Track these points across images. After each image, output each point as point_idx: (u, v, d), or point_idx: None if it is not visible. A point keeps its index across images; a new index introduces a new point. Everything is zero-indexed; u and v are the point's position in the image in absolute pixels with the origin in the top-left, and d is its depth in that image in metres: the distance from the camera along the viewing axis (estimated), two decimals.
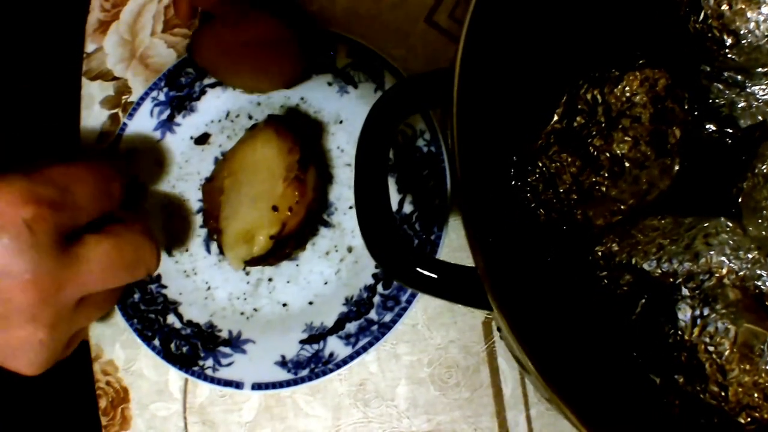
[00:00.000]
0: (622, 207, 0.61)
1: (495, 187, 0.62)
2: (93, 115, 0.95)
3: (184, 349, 0.84)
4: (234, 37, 0.85)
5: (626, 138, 0.59)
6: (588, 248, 0.61)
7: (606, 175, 0.60)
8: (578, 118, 0.61)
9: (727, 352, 0.53)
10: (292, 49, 0.86)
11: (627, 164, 0.59)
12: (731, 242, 0.56)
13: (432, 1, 0.93)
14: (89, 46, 0.99)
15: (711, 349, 0.54)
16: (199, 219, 0.89)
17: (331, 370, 0.81)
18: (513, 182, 0.63)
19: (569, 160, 0.60)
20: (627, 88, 0.60)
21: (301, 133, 0.83)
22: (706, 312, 0.55)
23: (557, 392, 0.48)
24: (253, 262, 0.81)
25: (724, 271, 0.56)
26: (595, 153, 0.60)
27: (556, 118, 0.62)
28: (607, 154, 0.59)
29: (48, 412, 1.17)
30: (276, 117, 0.85)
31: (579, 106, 0.61)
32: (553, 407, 0.61)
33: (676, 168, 0.61)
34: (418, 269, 0.57)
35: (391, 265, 0.58)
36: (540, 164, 0.61)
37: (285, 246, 0.81)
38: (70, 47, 1.00)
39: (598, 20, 0.64)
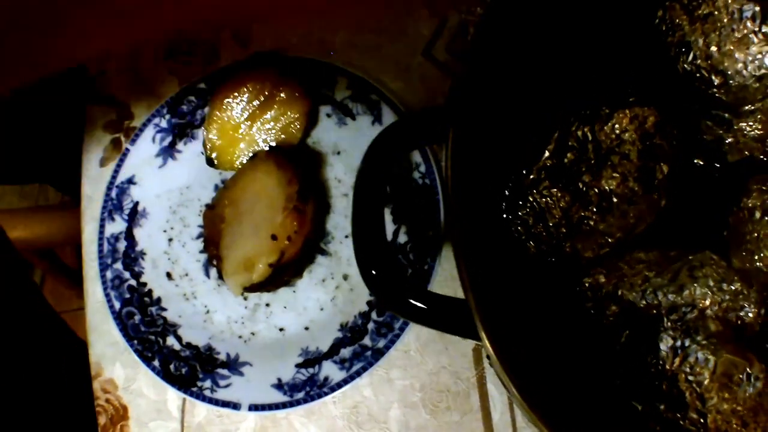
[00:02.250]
0: (609, 240, 0.62)
1: (487, 222, 0.64)
2: (95, 139, 0.97)
3: (183, 370, 0.85)
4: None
5: (615, 174, 0.61)
6: (576, 280, 0.63)
7: (594, 209, 0.61)
8: (569, 155, 0.62)
9: (706, 381, 0.55)
10: (296, 101, 0.88)
11: (615, 199, 0.61)
12: (715, 275, 0.58)
13: (429, 34, 0.95)
14: (92, 70, 1.00)
15: (691, 378, 0.55)
16: (199, 244, 0.91)
17: (326, 393, 0.82)
18: (504, 216, 0.64)
19: (559, 195, 0.62)
20: (617, 126, 0.61)
21: (301, 164, 0.85)
22: (687, 343, 0.56)
23: (543, 419, 0.50)
24: (252, 288, 0.83)
25: (707, 302, 0.57)
26: (584, 189, 0.61)
27: (547, 154, 0.63)
28: (596, 190, 0.61)
29: (48, 429, 1.18)
30: (276, 148, 0.87)
31: (570, 143, 0.63)
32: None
33: (663, 203, 0.62)
34: (410, 300, 0.58)
35: (384, 295, 0.60)
36: (530, 199, 0.63)
37: (283, 273, 0.83)
38: (74, 70, 1.01)
39: (590, 59, 0.66)
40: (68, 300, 1.44)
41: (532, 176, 0.63)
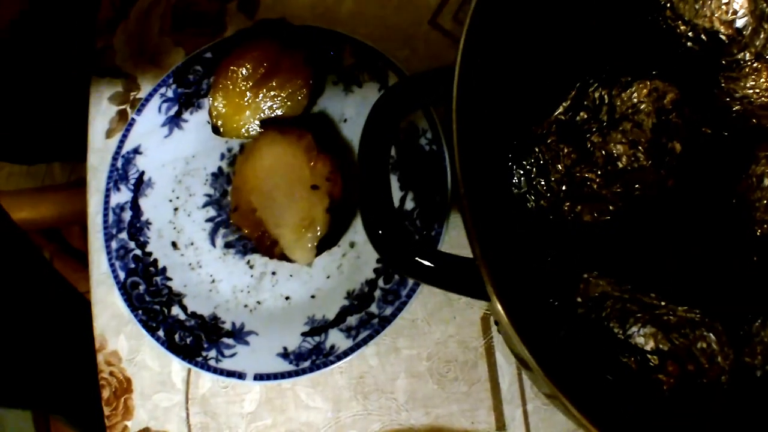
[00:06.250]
0: (610, 207, 0.61)
1: (494, 178, 0.63)
2: (101, 111, 0.97)
3: (188, 340, 0.85)
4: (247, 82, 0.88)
5: (624, 140, 0.60)
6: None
7: (599, 172, 0.60)
8: (582, 114, 0.62)
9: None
10: (301, 70, 0.88)
11: (620, 165, 0.60)
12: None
13: (436, 3, 0.94)
14: (98, 43, 1.00)
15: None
16: (205, 213, 0.91)
17: (332, 362, 0.82)
18: (509, 163, 0.64)
19: (565, 151, 0.61)
20: (635, 95, 0.61)
21: (305, 125, 0.86)
22: None
23: (551, 378, 0.49)
24: (322, 245, 0.83)
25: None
26: (592, 149, 0.61)
27: (561, 109, 0.63)
28: (603, 152, 0.60)
29: (52, 401, 1.18)
30: (272, 119, 0.88)
31: (585, 103, 0.62)
32: (551, 401, 0.62)
33: (671, 182, 0.61)
34: (416, 258, 0.58)
35: (391, 254, 0.59)
36: (536, 150, 0.62)
37: (341, 217, 0.84)
38: (79, 44, 1.02)
39: (610, 26, 0.66)
40: (75, 283, 1.44)
41: (541, 129, 0.63)
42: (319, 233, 0.81)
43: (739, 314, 0.60)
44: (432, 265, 0.58)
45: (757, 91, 0.62)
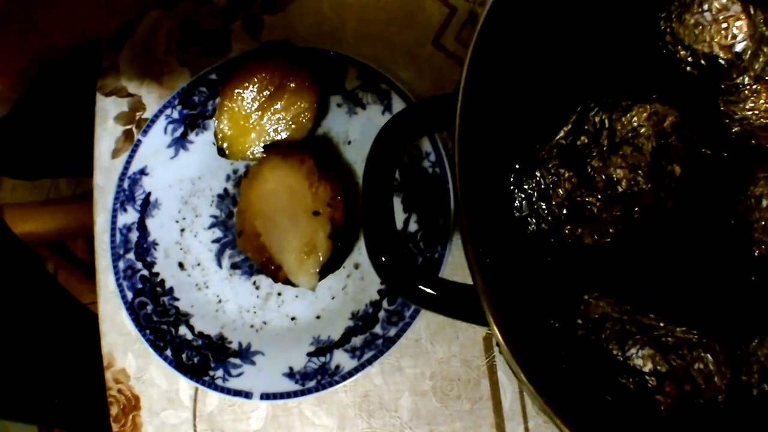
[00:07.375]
0: (611, 230, 0.62)
1: (495, 209, 0.64)
2: (107, 131, 0.97)
3: (195, 359, 0.86)
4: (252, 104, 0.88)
5: (624, 164, 0.61)
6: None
7: (599, 196, 0.61)
8: (583, 138, 0.63)
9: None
10: (306, 92, 0.88)
11: (620, 189, 0.61)
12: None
13: (439, 24, 0.95)
14: (104, 62, 1.00)
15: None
16: (211, 234, 0.92)
17: (337, 382, 0.83)
18: (511, 187, 0.64)
19: (566, 175, 0.62)
20: (635, 119, 0.62)
21: (309, 148, 0.86)
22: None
23: (549, 404, 0.50)
24: (324, 270, 0.83)
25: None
26: (592, 173, 0.61)
27: (561, 134, 0.63)
28: (603, 176, 0.61)
29: (57, 414, 1.18)
30: (275, 143, 0.88)
31: (585, 127, 0.63)
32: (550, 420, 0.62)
33: (671, 204, 0.62)
34: (419, 286, 0.59)
35: (394, 281, 0.60)
36: (538, 174, 0.63)
37: (344, 243, 0.85)
38: (85, 63, 1.02)
39: (612, 48, 0.66)
40: (81, 294, 1.45)
41: (543, 153, 0.64)
42: (321, 259, 0.82)
43: (737, 333, 0.60)
44: (434, 292, 0.59)
45: (756, 112, 0.63)
